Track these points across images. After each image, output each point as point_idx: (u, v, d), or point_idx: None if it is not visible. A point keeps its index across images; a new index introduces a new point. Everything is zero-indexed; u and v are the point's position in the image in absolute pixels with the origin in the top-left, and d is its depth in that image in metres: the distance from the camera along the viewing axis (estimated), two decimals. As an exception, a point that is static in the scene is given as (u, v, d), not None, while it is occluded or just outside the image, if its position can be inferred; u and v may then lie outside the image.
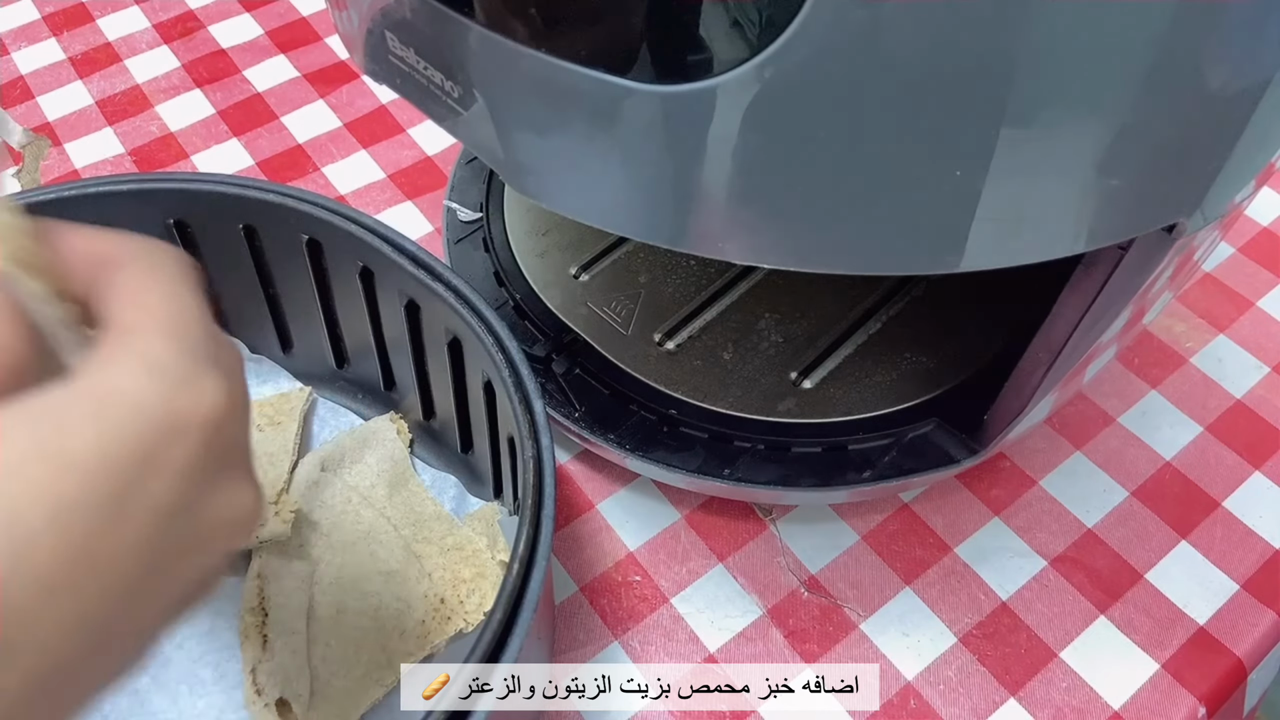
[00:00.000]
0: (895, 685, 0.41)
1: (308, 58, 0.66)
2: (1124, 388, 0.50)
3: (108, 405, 0.20)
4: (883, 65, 0.22)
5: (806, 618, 0.43)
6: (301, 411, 0.46)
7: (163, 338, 0.21)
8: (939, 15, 0.21)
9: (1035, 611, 0.43)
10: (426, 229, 0.57)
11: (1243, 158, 0.27)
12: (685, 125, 0.25)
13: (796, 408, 0.44)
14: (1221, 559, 0.44)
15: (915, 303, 0.48)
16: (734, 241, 0.27)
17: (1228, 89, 0.24)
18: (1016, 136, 0.23)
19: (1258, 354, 0.51)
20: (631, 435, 0.43)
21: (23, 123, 0.62)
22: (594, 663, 0.41)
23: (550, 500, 0.33)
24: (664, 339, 0.46)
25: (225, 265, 0.43)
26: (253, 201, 0.41)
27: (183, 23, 0.69)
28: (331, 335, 0.45)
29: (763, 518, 0.46)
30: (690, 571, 0.44)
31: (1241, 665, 0.42)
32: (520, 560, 0.31)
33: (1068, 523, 0.45)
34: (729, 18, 0.22)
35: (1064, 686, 0.41)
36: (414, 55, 0.30)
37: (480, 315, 0.37)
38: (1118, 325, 0.35)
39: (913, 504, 0.46)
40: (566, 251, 0.49)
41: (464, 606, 0.40)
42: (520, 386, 0.35)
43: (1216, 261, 0.55)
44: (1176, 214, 0.28)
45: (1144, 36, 0.22)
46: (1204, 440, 0.48)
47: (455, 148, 0.59)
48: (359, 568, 0.41)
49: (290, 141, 0.61)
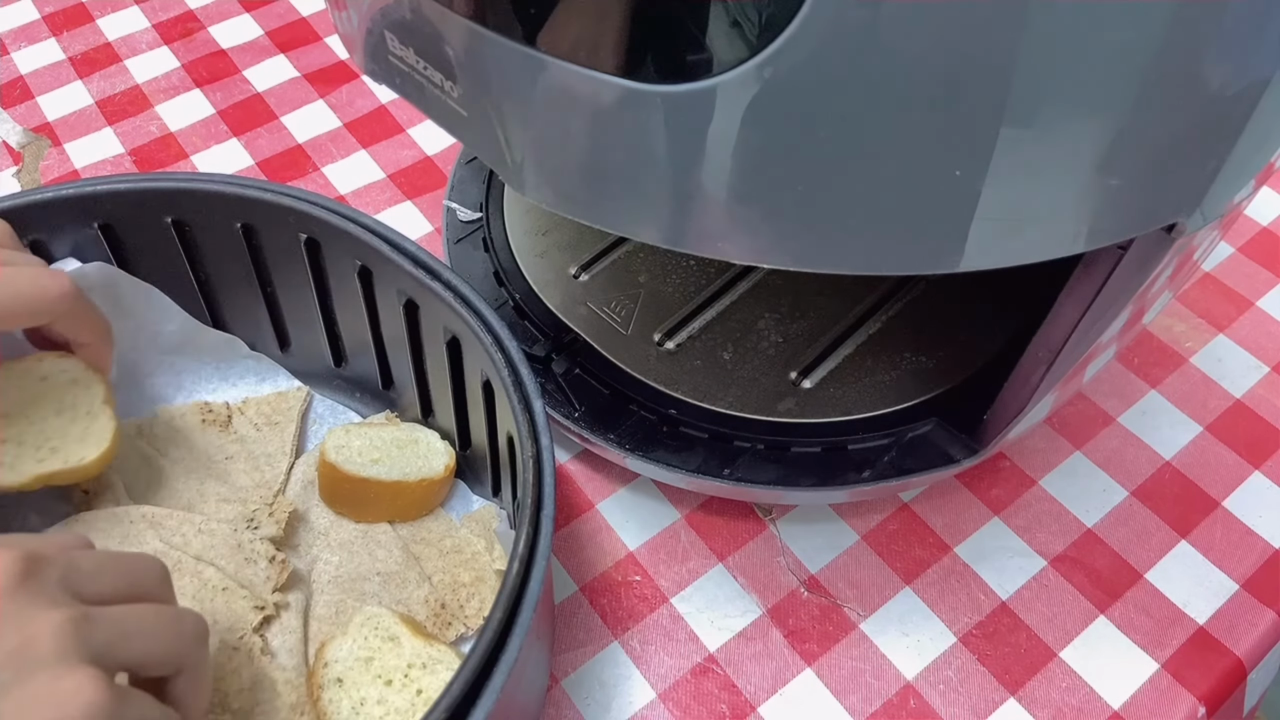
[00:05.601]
0: (895, 685, 0.41)
1: (308, 58, 0.67)
2: (1124, 388, 0.50)
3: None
4: (882, 65, 0.22)
5: (806, 618, 0.43)
6: (299, 411, 0.46)
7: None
8: (939, 15, 0.21)
9: (1035, 611, 0.43)
10: (426, 229, 0.57)
11: (1242, 158, 0.27)
12: (685, 125, 0.25)
13: (796, 407, 0.44)
14: (1221, 559, 0.44)
15: (915, 303, 0.48)
16: (734, 241, 0.27)
17: (1227, 89, 0.24)
18: (1016, 136, 0.23)
19: (1257, 354, 0.51)
20: (631, 435, 0.43)
21: (23, 123, 0.62)
22: (594, 663, 0.41)
23: (550, 500, 0.33)
24: (664, 339, 0.46)
25: (224, 264, 0.43)
26: (251, 201, 0.41)
27: (183, 23, 0.69)
28: (330, 334, 0.45)
29: (763, 518, 0.46)
30: (690, 571, 0.44)
31: (1241, 665, 0.42)
32: (520, 560, 0.31)
33: (1067, 522, 0.45)
34: (729, 17, 0.22)
35: (1064, 686, 0.41)
36: (413, 55, 0.30)
37: (479, 314, 0.37)
38: (1117, 325, 0.35)
39: (912, 504, 0.46)
40: (566, 251, 0.49)
41: (464, 611, 0.40)
42: (520, 386, 0.35)
43: (1216, 261, 0.55)
44: (1176, 214, 0.28)
45: (1143, 36, 0.22)
46: (1204, 440, 0.48)
47: (455, 148, 0.59)
48: (357, 568, 0.41)
49: (290, 141, 0.61)
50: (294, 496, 0.43)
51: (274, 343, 0.47)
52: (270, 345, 0.47)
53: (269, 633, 0.39)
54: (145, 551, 0.39)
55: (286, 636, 0.39)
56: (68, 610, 0.27)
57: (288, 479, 0.44)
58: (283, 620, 0.39)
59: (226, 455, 0.44)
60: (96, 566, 0.29)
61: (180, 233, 0.42)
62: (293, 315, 0.46)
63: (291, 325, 0.46)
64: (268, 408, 0.46)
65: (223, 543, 0.40)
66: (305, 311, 0.45)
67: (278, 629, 0.39)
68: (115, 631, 0.28)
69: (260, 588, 0.39)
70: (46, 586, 0.27)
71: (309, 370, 0.48)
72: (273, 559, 0.40)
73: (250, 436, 0.45)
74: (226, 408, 0.46)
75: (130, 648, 0.28)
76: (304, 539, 0.42)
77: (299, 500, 0.43)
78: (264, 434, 0.45)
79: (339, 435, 0.42)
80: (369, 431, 0.43)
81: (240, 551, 0.40)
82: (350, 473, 0.41)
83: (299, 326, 0.46)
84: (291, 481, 0.44)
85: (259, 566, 0.39)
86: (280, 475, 0.44)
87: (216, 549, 0.40)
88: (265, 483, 0.44)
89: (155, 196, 0.41)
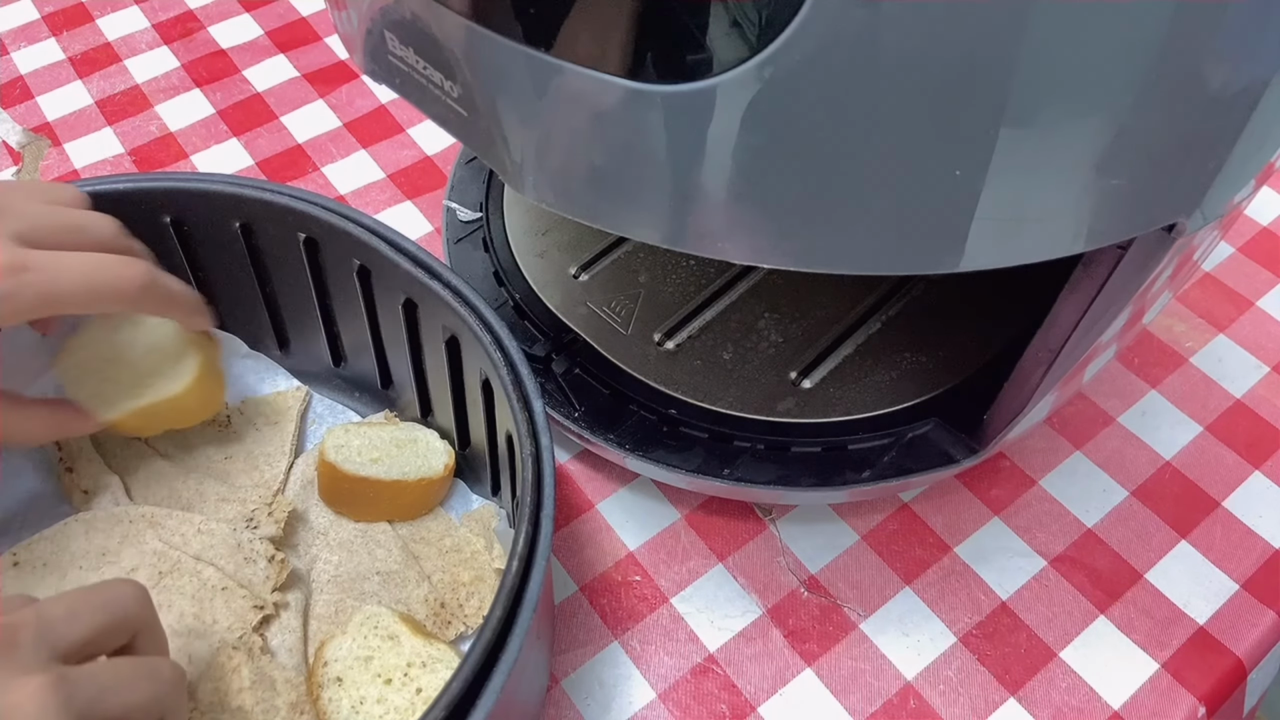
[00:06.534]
0: (895, 685, 0.41)
1: (307, 58, 0.66)
2: (1124, 388, 0.50)
3: None
4: (882, 65, 0.22)
5: (806, 617, 0.43)
6: (298, 411, 0.46)
7: None
8: (939, 15, 0.21)
9: (1035, 611, 0.43)
10: (426, 229, 0.57)
11: (1242, 158, 0.27)
12: (685, 125, 0.25)
13: (796, 407, 0.44)
14: (1221, 559, 0.44)
15: (915, 303, 0.48)
16: (733, 241, 0.27)
17: (1227, 89, 0.24)
18: (1016, 136, 0.23)
19: (1258, 354, 0.51)
20: (631, 435, 0.43)
21: (22, 123, 0.62)
22: (594, 663, 0.41)
23: (550, 500, 0.33)
24: (664, 339, 0.46)
25: (222, 264, 0.43)
26: (248, 200, 0.41)
27: (183, 23, 0.69)
28: (329, 334, 0.45)
29: (763, 518, 0.46)
30: (690, 571, 0.44)
31: (1241, 665, 0.42)
32: (519, 558, 0.31)
33: (1068, 523, 0.45)
34: (729, 17, 0.22)
35: (1064, 686, 0.41)
36: (413, 55, 0.30)
37: (478, 313, 0.37)
38: (1117, 325, 0.35)
39: (912, 504, 0.46)
40: (566, 251, 0.49)
41: (463, 610, 0.40)
42: (519, 384, 0.35)
43: (1216, 261, 0.55)
44: (1176, 214, 0.28)
45: (1144, 36, 0.22)
46: (1204, 440, 0.48)
47: (455, 148, 0.59)
48: (356, 567, 0.41)
49: (290, 141, 0.61)
50: (293, 496, 0.43)
51: (273, 342, 0.47)
52: (269, 345, 0.47)
53: (268, 632, 0.39)
54: (144, 550, 0.40)
55: (286, 636, 0.39)
56: (46, 675, 0.27)
57: (287, 478, 0.44)
58: (282, 619, 0.39)
59: (226, 455, 0.44)
60: (69, 611, 0.29)
61: (178, 232, 0.42)
62: (292, 315, 0.46)
63: (290, 325, 0.46)
64: (267, 407, 0.46)
65: (222, 542, 0.40)
66: (304, 311, 0.45)
67: (277, 628, 0.39)
68: (95, 688, 0.28)
69: (259, 587, 0.39)
70: (22, 651, 0.27)
71: (308, 370, 0.48)
72: (272, 558, 0.40)
73: (249, 436, 0.45)
74: (226, 407, 0.46)
75: (111, 703, 0.28)
76: (303, 538, 0.42)
77: (298, 500, 0.43)
78: (263, 434, 0.45)
79: (338, 435, 0.42)
80: (368, 431, 0.43)
81: (240, 551, 0.40)
82: (349, 472, 0.41)
83: (298, 326, 0.46)
84: (291, 481, 0.44)
85: (258, 566, 0.39)
86: (279, 475, 0.44)
87: (216, 548, 0.40)
88: (264, 482, 0.44)
89: (152, 196, 0.41)
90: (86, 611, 0.29)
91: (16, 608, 0.29)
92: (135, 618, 0.31)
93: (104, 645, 0.30)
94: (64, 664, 0.28)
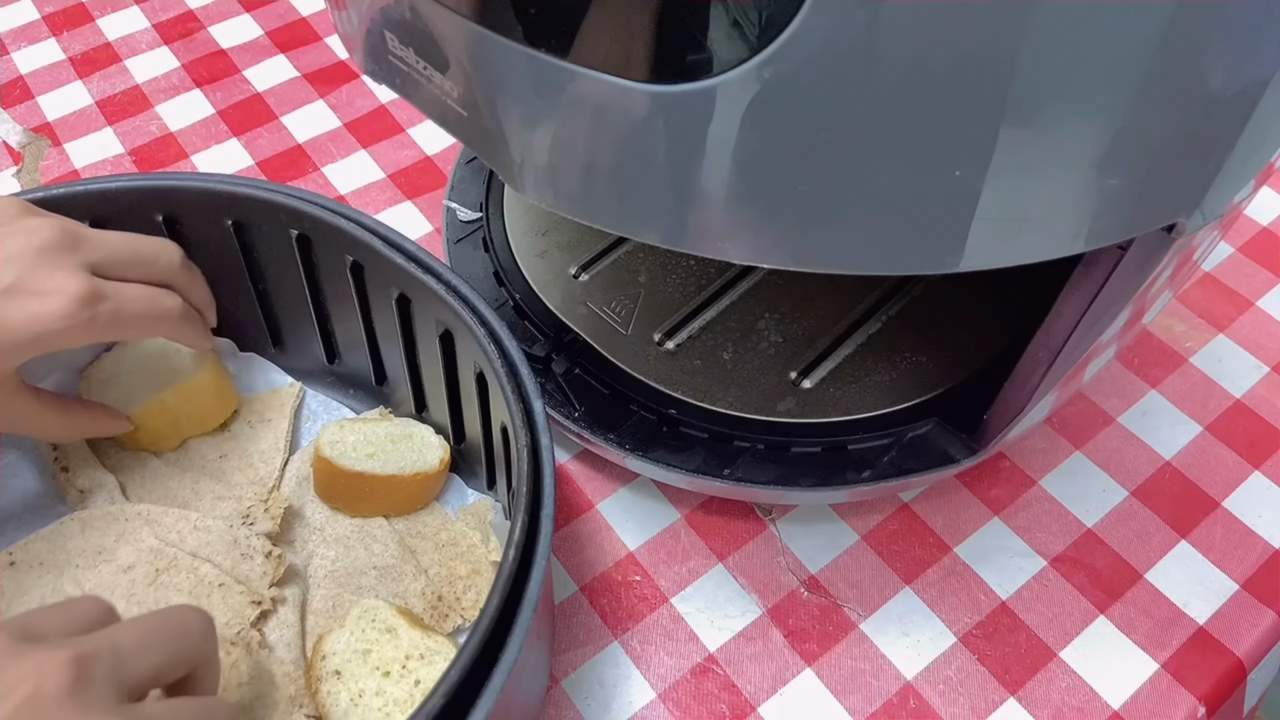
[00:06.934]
0: (895, 685, 0.41)
1: (308, 58, 0.66)
2: (1124, 388, 0.50)
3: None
4: (882, 65, 0.22)
5: (806, 617, 0.43)
6: (292, 408, 0.46)
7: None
8: (938, 15, 0.21)
9: (1035, 611, 0.43)
10: (426, 229, 0.57)
11: (1242, 158, 0.27)
12: (685, 125, 0.25)
13: (796, 407, 0.44)
14: (1221, 559, 0.44)
15: (915, 303, 0.48)
16: (734, 241, 0.27)
17: (1227, 89, 0.24)
18: (1016, 136, 0.23)
19: (1257, 354, 0.51)
20: (631, 435, 0.43)
21: (23, 123, 0.62)
22: (594, 663, 0.41)
23: (550, 500, 0.33)
24: (664, 339, 0.46)
25: (215, 262, 0.43)
26: (240, 198, 0.41)
27: (183, 23, 0.69)
28: (322, 330, 0.45)
29: (763, 518, 0.46)
30: (690, 571, 0.44)
31: (1241, 665, 0.42)
32: (517, 546, 0.31)
33: (1067, 523, 0.45)
34: (729, 17, 0.22)
35: (1064, 686, 0.41)
36: (413, 55, 0.30)
37: (471, 307, 0.37)
38: (1117, 325, 0.35)
39: (912, 504, 0.46)
40: (566, 251, 0.49)
41: (460, 603, 0.40)
42: (514, 376, 0.35)
43: (1216, 261, 0.55)
44: (1176, 214, 0.28)
45: (1144, 36, 0.22)
46: (1204, 440, 0.48)
47: (455, 148, 0.59)
48: (353, 562, 0.41)
49: (290, 141, 0.61)
50: (289, 492, 0.43)
51: (267, 340, 0.47)
52: (263, 342, 0.47)
53: (266, 627, 0.39)
54: (141, 547, 0.40)
55: (284, 631, 0.39)
56: (116, 718, 0.26)
57: (282, 475, 0.44)
58: (280, 615, 0.39)
59: (221, 453, 0.44)
60: (141, 645, 0.28)
61: (171, 231, 0.42)
62: (285, 312, 0.46)
63: (284, 322, 0.46)
64: (261, 405, 0.46)
65: (219, 539, 0.40)
66: (297, 308, 0.45)
67: (275, 623, 0.39)
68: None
69: (257, 583, 0.39)
70: (94, 690, 0.26)
71: (302, 367, 0.48)
72: (269, 554, 0.40)
73: (244, 434, 0.45)
74: (227, 406, 0.46)
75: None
76: (300, 534, 0.42)
77: (294, 496, 0.43)
78: (258, 431, 0.45)
79: (333, 431, 0.42)
80: (363, 427, 0.43)
81: (236, 547, 0.40)
82: (345, 468, 0.41)
83: (292, 323, 0.46)
84: (286, 477, 0.44)
85: (255, 562, 0.39)
86: (275, 471, 0.44)
87: (212, 545, 0.40)
88: (260, 479, 0.44)
89: (144, 195, 0.41)
90: (158, 643, 0.29)
91: (85, 615, 0.29)
92: (199, 652, 0.30)
93: (167, 678, 0.29)
94: (130, 700, 0.27)
